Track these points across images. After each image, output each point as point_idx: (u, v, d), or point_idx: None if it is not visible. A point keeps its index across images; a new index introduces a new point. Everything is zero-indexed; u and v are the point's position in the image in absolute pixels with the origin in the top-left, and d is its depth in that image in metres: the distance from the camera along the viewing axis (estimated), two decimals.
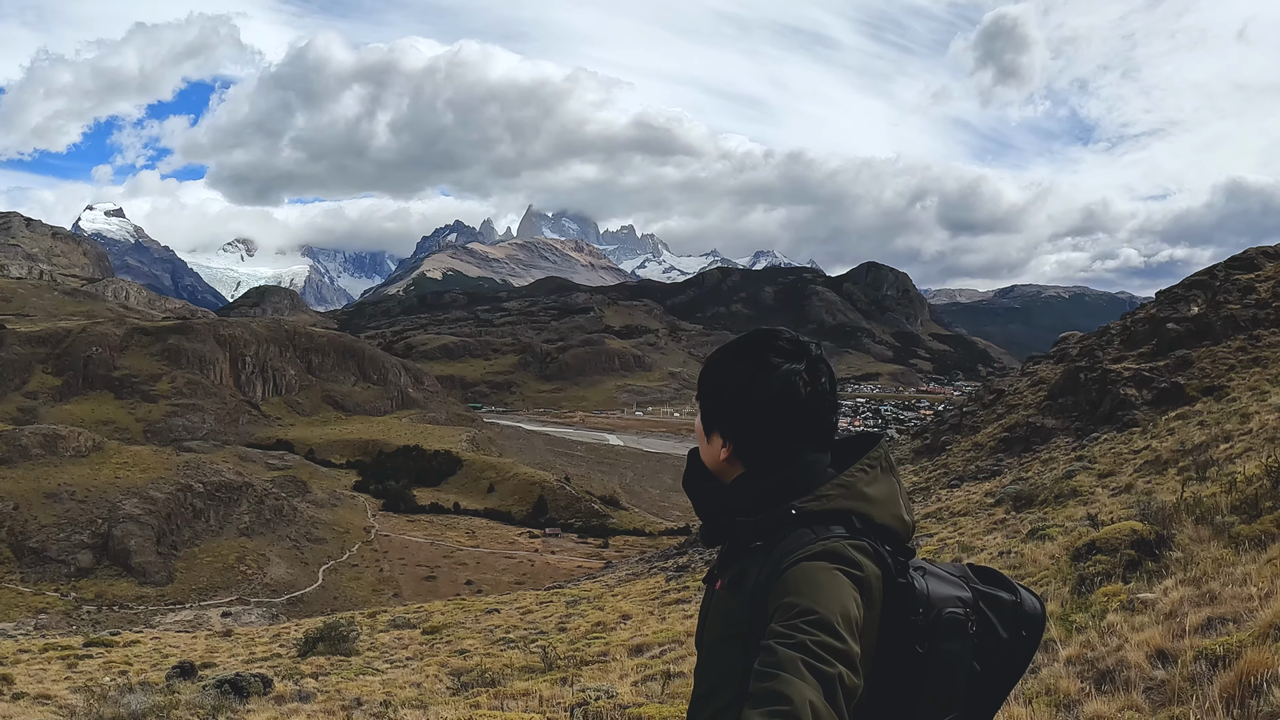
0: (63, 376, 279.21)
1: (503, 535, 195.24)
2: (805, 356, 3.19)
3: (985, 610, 3.03)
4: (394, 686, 17.26)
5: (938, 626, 2.90)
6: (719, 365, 3.21)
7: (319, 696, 15.85)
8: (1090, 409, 54.94)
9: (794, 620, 2.64)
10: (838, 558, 2.80)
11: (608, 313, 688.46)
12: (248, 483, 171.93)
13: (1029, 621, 3.08)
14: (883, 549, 2.95)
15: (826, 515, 2.97)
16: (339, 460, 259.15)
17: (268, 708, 14.67)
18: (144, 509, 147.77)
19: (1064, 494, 26.71)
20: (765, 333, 3.26)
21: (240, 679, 16.02)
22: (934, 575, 3.04)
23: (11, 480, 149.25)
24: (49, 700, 17.52)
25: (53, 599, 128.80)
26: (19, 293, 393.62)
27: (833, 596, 2.69)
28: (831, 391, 3.22)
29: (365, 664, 22.65)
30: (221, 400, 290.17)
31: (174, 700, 14.57)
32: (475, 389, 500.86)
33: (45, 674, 24.19)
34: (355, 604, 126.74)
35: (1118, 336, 64.49)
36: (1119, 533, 11.44)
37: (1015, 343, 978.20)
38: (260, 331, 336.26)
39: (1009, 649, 3.04)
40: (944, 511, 35.71)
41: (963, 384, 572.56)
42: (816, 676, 2.50)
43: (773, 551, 2.93)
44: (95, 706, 14.41)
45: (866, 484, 3.07)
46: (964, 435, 70.25)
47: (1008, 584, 3.15)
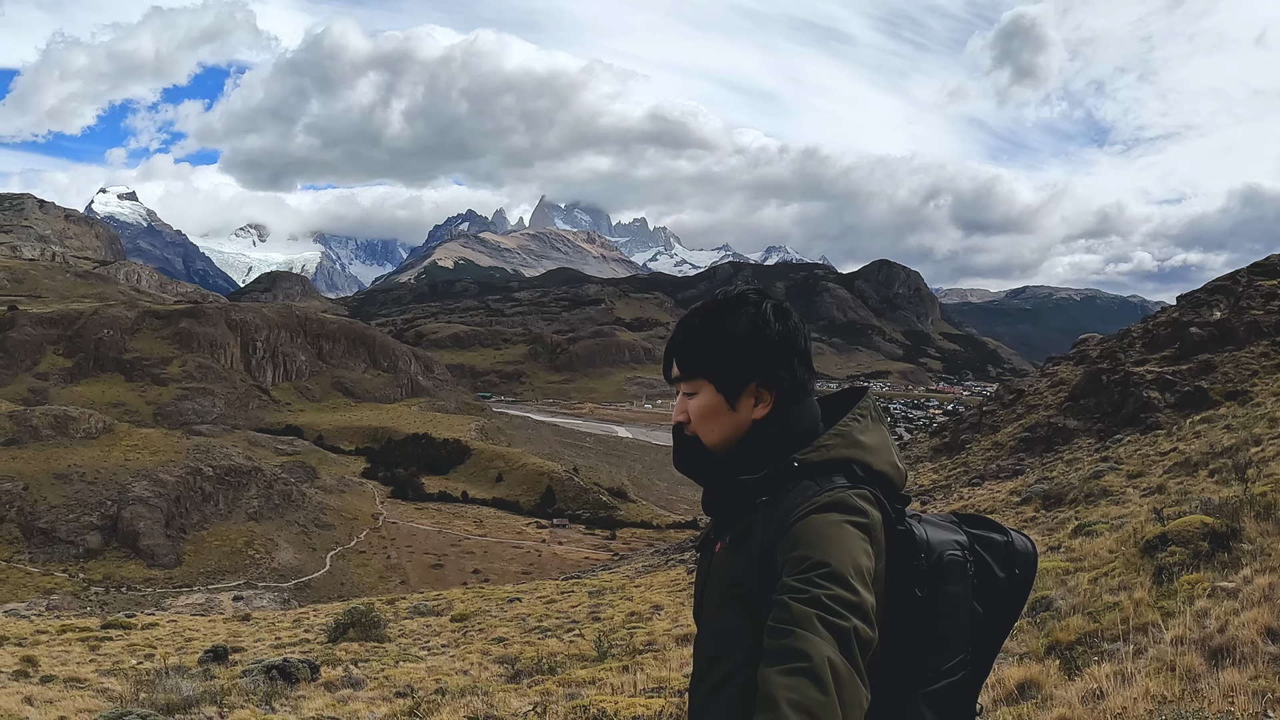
0: (73, 358, 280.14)
1: (510, 525, 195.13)
2: (767, 297, 3.19)
3: (980, 551, 3.04)
4: (441, 674, 16.99)
5: (939, 570, 2.91)
6: (728, 331, 3.10)
7: (369, 683, 15.62)
8: (1112, 411, 54.76)
9: (806, 574, 2.62)
10: (845, 508, 2.79)
11: (618, 305, 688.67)
12: (257, 467, 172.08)
13: (1022, 560, 3.08)
14: (883, 498, 2.94)
15: (828, 465, 2.96)
16: (348, 447, 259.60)
17: (319, 694, 14.45)
18: (153, 491, 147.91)
19: (1094, 493, 26.55)
20: (730, 292, 3.20)
21: (288, 664, 15.79)
22: (928, 521, 3.05)
23: (21, 461, 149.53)
24: (81, 684, 17.25)
25: (61, 579, 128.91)
26: (31, 274, 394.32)
27: (844, 548, 2.67)
28: (805, 329, 3.22)
29: (402, 651, 22.37)
30: (232, 385, 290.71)
31: (227, 685, 14.32)
32: (485, 378, 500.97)
33: (69, 656, 23.95)
34: (362, 590, 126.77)
35: (1139, 339, 64.16)
36: (1189, 526, 11.50)
37: (1026, 344, 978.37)
38: (271, 317, 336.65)
39: (1006, 588, 3.04)
40: (969, 509, 35.25)
41: (972, 384, 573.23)
42: (832, 631, 2.48)
43: (778, 506, 2.91)
44: (142, 692, 14.12)
45: (861, 432, 3.06)
46: (984, 434, 70.18)
47: (997, 526, 3.16)
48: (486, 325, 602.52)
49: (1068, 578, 12.39)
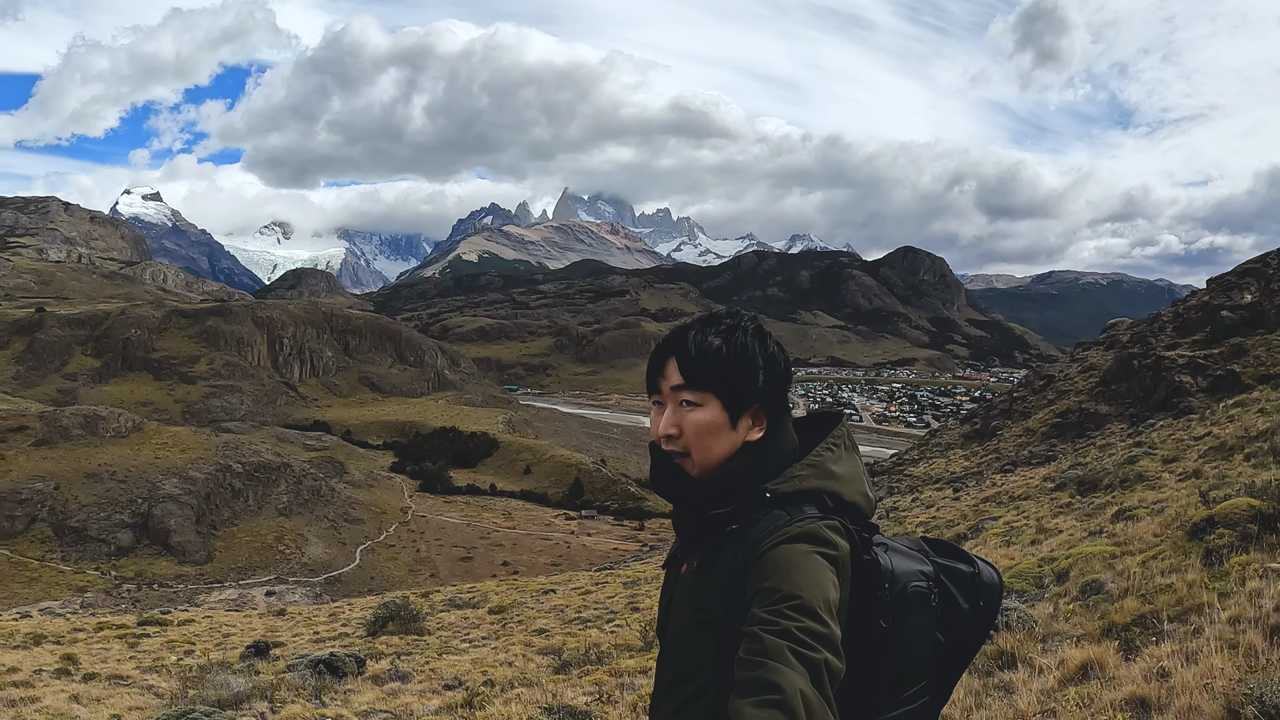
0: (102, 358, 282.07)
1: (539, 517, 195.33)
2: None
3: (946, 582, 3.05)
4: (485, 666, 16.89)
5: (902, 600, 2.91)
6: (741, 348, 3.06)
7: (417, 676, 15.55)
8: (1144, 396, 54.37)
9: (777, 606, 2.61)
10: (815, 539, 2.78)
11: (643, 295, 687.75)
12: (286, 463, 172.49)
13: (987, 592, 3.11)
14: (852, 527, 2.93)
15: (799, 496, 2.95)
16: (376, 441, 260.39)
17: (368, 688, 14.36)
18: (183, 489, 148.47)
19: (1129, 479, 26.21)
20: (735, 313, 3.19)
21: (335, 658, 15.73)
22: (895, 550, 3.04)
23: (52, 460, 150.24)
24: (125, 681, 17.22)
25: (93, 577, 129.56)
26: (58, 276, 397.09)
27: (813, 580, 2.67)
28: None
29: (443, 644, 22.27)
30: (259, 382, 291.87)
31: (276, 680, 14.27)
32: (511, 371, 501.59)
33: (108, 653, 23.88)
34: (392, 584, 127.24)
35: (1170, 323, 63.69)
36: (1236, 509, 11.45)
37: (1052, 329, 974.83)
38: (297, 313, 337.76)
39: (969, 619, 3.07)
40: (1004, 495, 35.24)
41: (999, 370, 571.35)
42: (804, 663, 2.49)
43: (748, 535, 2.89)
44: (191, 688, 14.08)
45: (834, 462, 3.05)
46: (1015, 420, 69.88)
47: (965, 556, 3.18)
48: (512, 318, 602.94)
49: (1115, 561, 12.30)
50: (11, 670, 18.37)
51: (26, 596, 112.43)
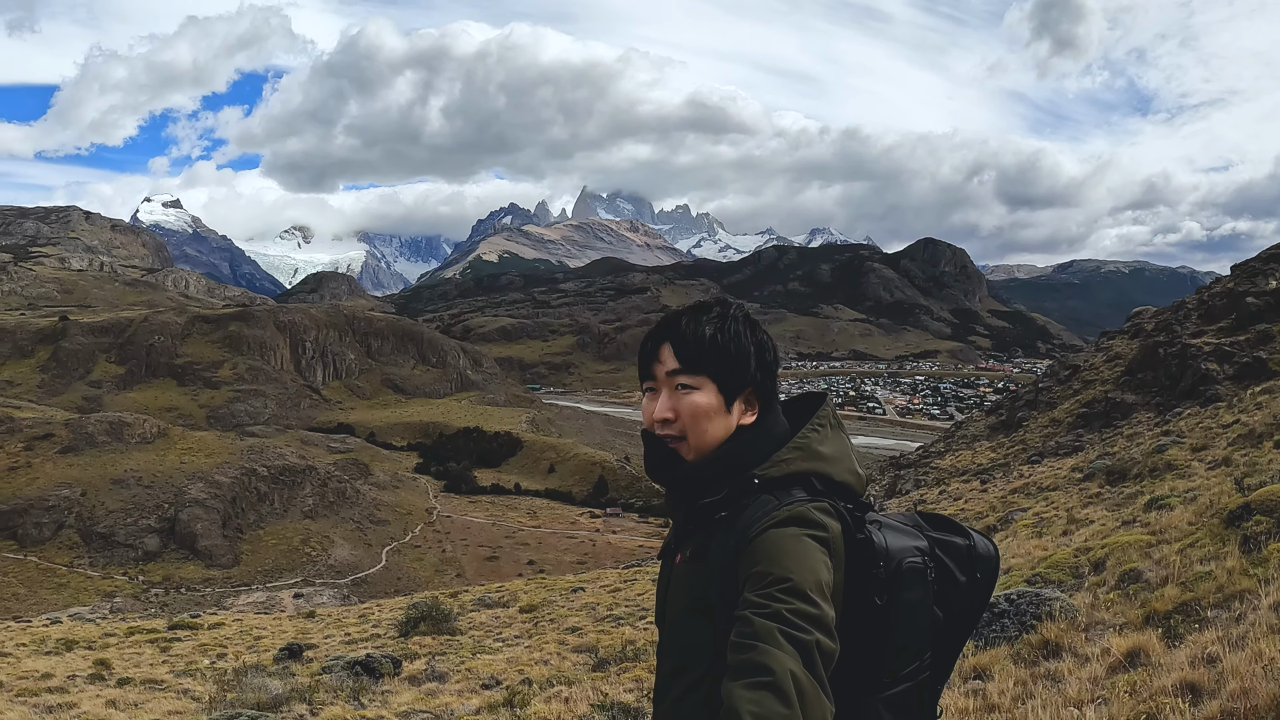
0: (126, 365, 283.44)
1: (564, 515, 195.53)
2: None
3: (942, 556, 3.05)
4: (521, 665, 16.89)
5: (898, 577, 2.91)
6: (734, 333, 3.10)
7: (453, 676, 15.54)
8: (1170, 384, 54.26)
9: (768, 589, 2.63)
10: (804, 522, 2.79)
11: (664, 292, 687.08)
12: (310, 466, 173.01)
13: (983, 564, 3.11)
14: (843, 507, 2.94)
15: (787, 480, 2.97)
16: (400, 443, 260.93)
17: (405, 688, 14.38)
18: (209, 493, 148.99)
19: (1158, 468, 26.19)
20: (723, 301, 3.24)
21: (371, 660, 15.78)
22: (889, 527, 3.05)
23: (79, 467, 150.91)
24: (159, 685, 17.24)
25: (121, 582, 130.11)
26: (80, 284, 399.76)
27: (804, 563, 2.68)
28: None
29: (476, 643, 22.28)
30: (282, 385, 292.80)
31: (314, 683, 14.26)
32: (533, 370, 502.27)
33: (140, 658, 24.01)
34: (418, 584, 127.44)
35: (1194, 311, 63.55)
36: (1272, 495, 11.43)
37: (1074, 318, 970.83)
38: (319, 317, 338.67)
39: (967, 592, 3.07)
40: (1031, 486, 35.13)
41: (1022, 360, 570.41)
42: (795, 645, 2.50)
43: (738, 521, 2.90)
44: (229, 692, 14.09)
45: (820, 443, 3.06)
46: (1040, 411, 69.81)
47: (959, 529, 3.17)
48: (533, 317, 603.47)
49: (1151, 550, 12.23)
50: (45, 676, 18.47)
51: (55, 602, 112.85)
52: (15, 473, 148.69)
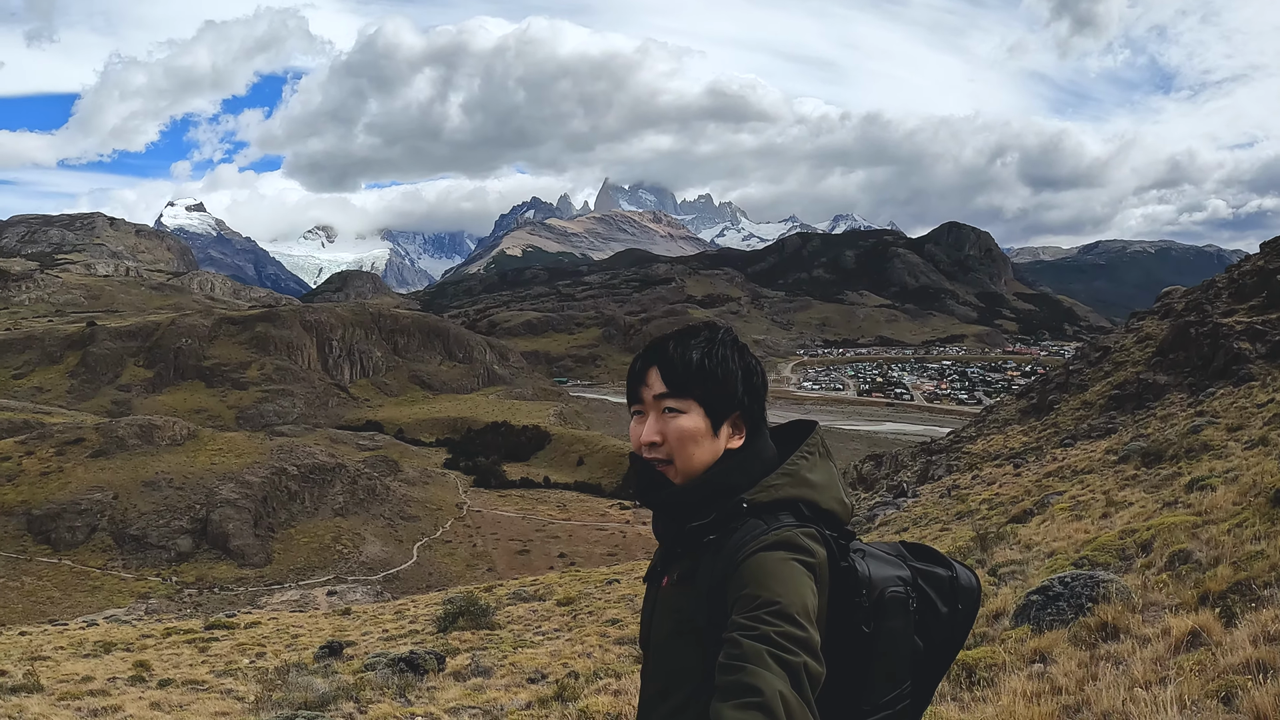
0: (154, 368, 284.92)
1: (593, 507, 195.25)
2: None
3: (924, 587, 3.10)
4: (564, 658, 16.82)
5: (880, 606, 2.95)
6: (721, 357, 3.15)
7: (498, 671, 15.51)
8: (1202, 364, 53.95)
9: (756, 612, 2.65)
10: (792, 546, 2.83)
11: (689, 283, 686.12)
12: (340, 464, 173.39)
13: (965, 595, 3.17)
14: (828, 534, 2.99)
15: (775, 505, 3.00)
16: (428, 439, 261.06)
17: (450, 684, 14.33)
18: (240, 493, 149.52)
19: (1194, 449, 26.05)
20: (711, 325, 3.28)
21: (415, 656, 15.79)
22: (873, 556, 3.10)
23: (110, 471, 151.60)
24: (201, 686, 17.22)
25: (155, 584, 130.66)
26: (107, 290, 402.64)
27: (791, 586, 2.71)
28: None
29: (516, 637, 22.23)
30: (310, 384, 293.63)
31: (360, 680, 14.21)
32: (560, 363, 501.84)
33: (180, 659, 24.03)
34: (450, 579, 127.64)
35: (1225, 289, 63.14)
36: None
37: (1101, 300, 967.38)
38: (345, 315, 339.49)
39: (948, 623, 3.12)
40: (1066, 470, 34.96)
41: (1049, 343, 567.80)
42: (783, 666, 2.52)
43: (725, 545, 2.93)
44: (274, 691, 14.04)
45: (809, 470, 3.10)
46: (1072, 394, 69.54)
47: (942, 560, 3.23)
48: (558, 310, 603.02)
49: (1199, 531, 12.11)
50: (86, 679, 18.45)
51: (90, 605, 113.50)
52: (48, 478, 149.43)
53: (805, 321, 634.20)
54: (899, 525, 36.15)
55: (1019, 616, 10.07)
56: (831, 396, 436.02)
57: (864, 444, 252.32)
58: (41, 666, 21.71)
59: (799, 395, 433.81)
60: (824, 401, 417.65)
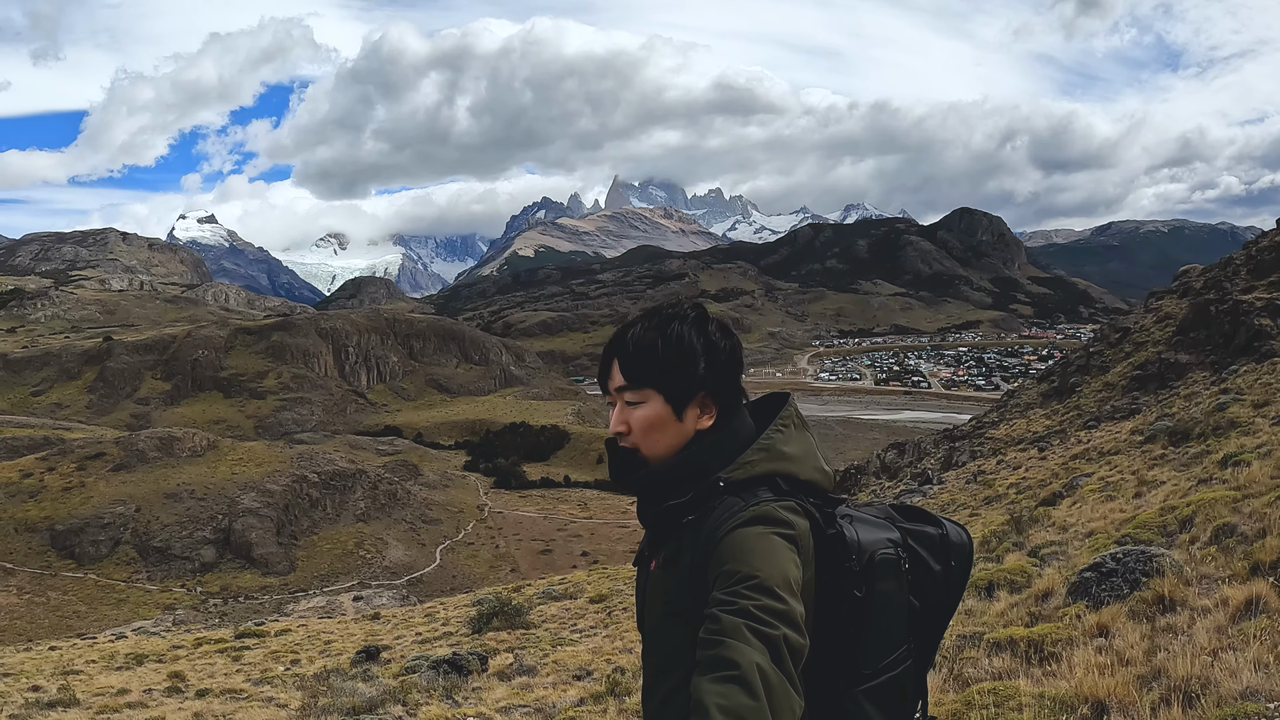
0: (172, 380, 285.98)
1: (614, 505, 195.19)
2: (705, 312, 3.23)
3: (915, 546, 3.10)
4: (605, 654, 16.81)
5: (872, 569, 2.95)
6: (677, 337, 3.12)
7: (541, 669, 15.48)
8: (1224, 342, 53.90)
9: (735, 587, 2.66)
10: (770, 520, 2.83)
11: (702, 277, 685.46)
12: (360, 470, 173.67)
13: (957, 552, 3.15)
14: (810, 504, 3.00)
15: (752, 481, 2.99)
16: (447, 441, 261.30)
17: (496, 685, 14.29)
18: (262, 502, 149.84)
19: (1222, 426, 25.96)
20: (672, 304, 3.25)
21: (459, 657, 15.82)
22: (861, 520, 3.08)
23: (132, 484, 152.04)
24: (239, 695, 17.16)
25: (180, 595, 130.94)
26: (122, 304, 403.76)
27: (770, 560, 2.72)
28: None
29: (553, 635, 22.23)
30: (328, 391, 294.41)
31: (402, 684, 14.17)
32: (576, 362, 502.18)
33: (214, 668, 24.03)
34: (474, 581, 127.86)
35: (1243, 266, 63.07)
36: None
37: (1115, 281, 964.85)
38: (360, 322, 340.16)
39: (942, 581, 3.12)
40: (1092, 451, 34.91)
41: (1065, 326, 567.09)
42: (762, 639, 2.53)
43: (705, 524, 2.94)
44: (321, 698, 13.99)
45: (784, 443, 3.09)
46: (1093, 376, 69.52)
47: (931, 519, 3.23)
48: (573, 309, 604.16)
49: (1239, 505, 12.07)
50: (121, 692, 18.43)
51: (116, 618, 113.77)
52: (70, 493, 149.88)
53: (820, 312, 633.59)
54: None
55: (1073, 593, 10.06)
56: (849, 386, 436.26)
57: (883, 433, 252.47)
58: (75, 680, 21.71)
59: (816, 386, 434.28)
60: (841, 392, 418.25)
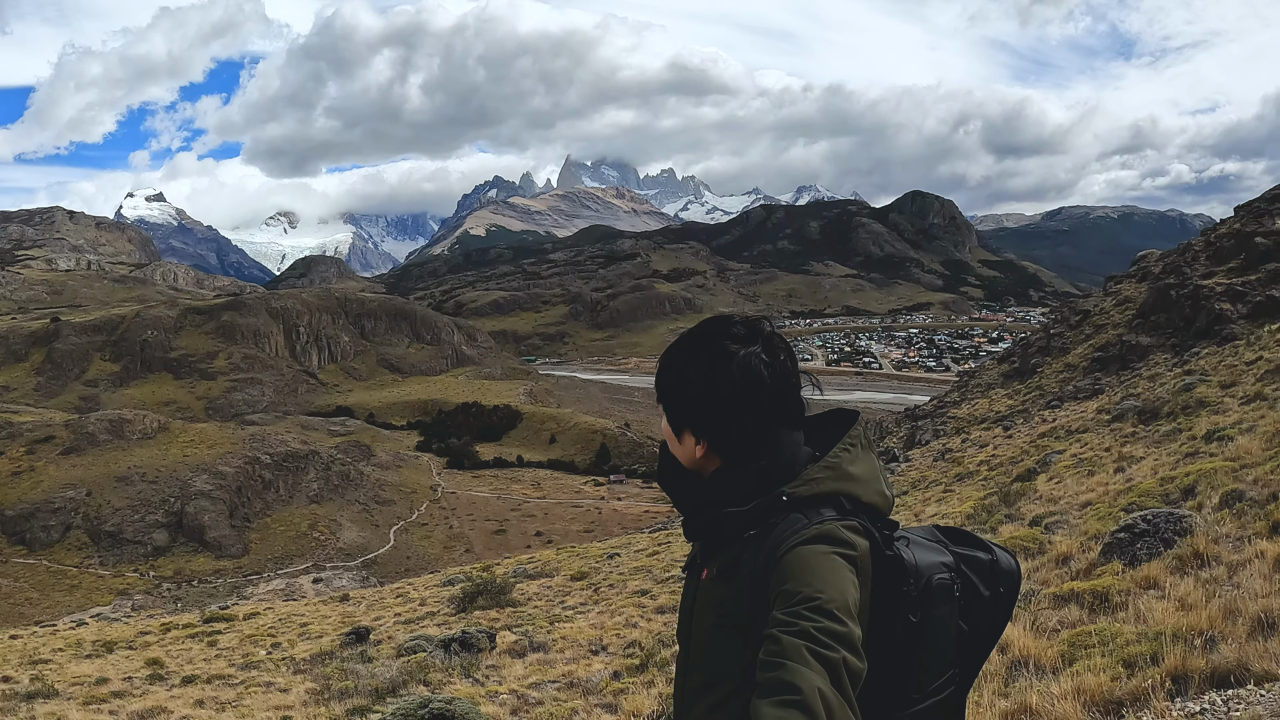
0: (121, 362, 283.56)
1: (568, 485, 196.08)
2: (759, 337, 3.10)
3: (966, 571, 3.08)
4: (610, 629, 16.78)
5: (928, 594, 2.94)
6: (675, 364, 3.13)
7: (552, 646, 15.49)
8: (1184, 325, 55.12)
9: (795, 607, 2.62)
10: (833, 540, 2.80)
11: (654, 257, 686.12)
12: (313, 451, 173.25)
13: (1006, 578, 3.13)
14: (872, 526, 2.95)
15: (816, 499, 2.95)
16: (400, 422, 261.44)
17: (511, 661, 14.32)
18: (214, 484, 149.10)
19: (1190, 405, 26.79)
20: (716, 321, 3.16)
21: (468, 635, 15.91)
22: (917, 544, 3.07)
23: (82, 467, 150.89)
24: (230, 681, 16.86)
25: (133, 579, 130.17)
26: (69, 284, 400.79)
27: (831, 581, 2.68)
28: (793, 367, 3.14)
29: (545, 613, 22.21)
30: (279, 372, 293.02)
31: (414, 663, 14.08)
32: (528, 342, 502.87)
33: (190, 654, 23.73)
34: (428, 562, 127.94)
35: (1202, 253, 64.28)
36: None
37: (1065, 265, 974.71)
38: (311, 301, 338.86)
39: (990, 606, 3.10)
40: (1059, 430, 35.84)
41: (1015, 309, 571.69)
42: (822, 663, 2.49)
43: (767, 539, 2.89)
44: (331, 682, 13.83)
45: (850, 463, 3.05)
46: (1054, 357, 70.75)
47: (981, 544, 3.21)
48: (525, 289, 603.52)
49: (1240, 474, 12.43)
50: (100, 680, 18.09)
51: (69, 604, 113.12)
52: (19, 477, 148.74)
53: (771, 293, 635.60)
54: (898, 489, 36.30)
55: (1107, 553, 10.29)
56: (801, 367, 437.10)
57: None
58: (46, 670, 21.32)
59: None
60: None
